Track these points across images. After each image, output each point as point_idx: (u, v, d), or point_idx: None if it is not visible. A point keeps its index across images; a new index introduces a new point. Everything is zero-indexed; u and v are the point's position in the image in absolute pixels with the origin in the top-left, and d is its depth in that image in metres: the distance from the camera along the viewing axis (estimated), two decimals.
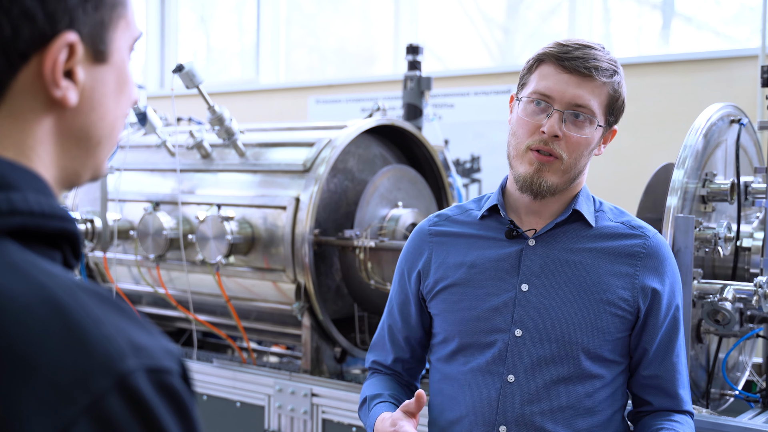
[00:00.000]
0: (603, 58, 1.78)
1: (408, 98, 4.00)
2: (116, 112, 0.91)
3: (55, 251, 0.84)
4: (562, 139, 1.76)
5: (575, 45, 1.78)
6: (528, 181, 1.79)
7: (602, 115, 1.80)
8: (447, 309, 1.87)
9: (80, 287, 0.78)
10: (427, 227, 1.97)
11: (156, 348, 0.77)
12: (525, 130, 1.78)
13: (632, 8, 5.81)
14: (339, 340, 3.34)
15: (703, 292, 2.50)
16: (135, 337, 0.76)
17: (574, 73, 1.76)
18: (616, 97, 1.81)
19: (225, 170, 3.56)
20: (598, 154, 1.87)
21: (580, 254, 1.82)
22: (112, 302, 0.79)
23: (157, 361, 0.76)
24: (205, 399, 3.42)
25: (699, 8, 5.50)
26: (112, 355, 0.73)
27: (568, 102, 1.76)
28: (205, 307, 3.61)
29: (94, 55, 0.87)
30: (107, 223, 3.56)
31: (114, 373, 0.72)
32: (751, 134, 2.89)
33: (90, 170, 0.92)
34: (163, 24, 7.39)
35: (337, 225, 3.42)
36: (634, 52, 5.59)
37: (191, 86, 3.29)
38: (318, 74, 7.04)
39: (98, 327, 0.74)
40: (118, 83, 0.91)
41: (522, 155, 1.79)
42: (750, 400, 2.66)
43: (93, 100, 0.88)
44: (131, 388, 0.73)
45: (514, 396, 1.78)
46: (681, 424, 1.83)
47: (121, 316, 0.78)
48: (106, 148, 0.92)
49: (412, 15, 6.26)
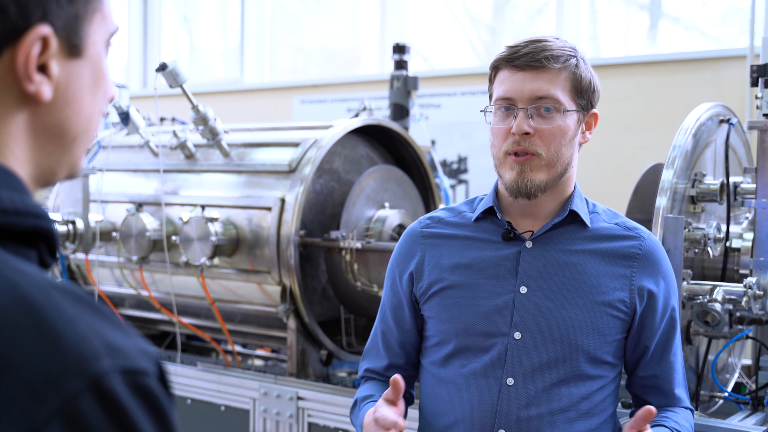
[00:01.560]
0: (554, 47, 1.78)
1: (394, 98, 3.96)
2: (92, 108, 0.90)
3: (31, 250, 0.82)
4: (535, 135, 1.76)
5: (524, 43, 1.79)
6: (515, 186, 1.78)
7: (570, 101, 1.79)
8: (443, 311, 1.84)
9: (54, 287, 0.76)
10: (419, 229, 1.94)
11: (132, 349, 0.76)
12: (499, 138, 1.79)
13: (619, 9, 5.80)
14: (325, 342, 3.30)
15: (692, 293, 2.48)
16: (110, 337, 0.75)
17: (527, 69, 1.77)
18: (578, 79, 1.79)
19: (209, 171, 3.52)
20: (584, 141, 1.85)
21: (577, 256, 1.81)
22: (87, 302, 0.77)
23: (133, 362, 0.74)
24: (189, 403, 3.38)
25: (686, 9, 5.49)
26: (85, 355, 0.72)
27: (528, 98, 1.76)
28: (189, 309, 3.56)
29: (69, 49, 0.85)
30: (89, 225, 3.51)
31: (87, 374, 0.71)
32: (740, 134, 2.88)
33: (66, 167, 0.90)
34: (145, 23, 7.33)
35: (323, 226, 3.39)
36: (622, 52, 5.58)
37: (175, 85, 3.25)
38: (303, 74, 7.00)
39: (72, 327, 0.73)
40: (94, 78, 0.89)
41: (503, 162, 1.79)
42: (739, 402, 2.65)
43: (68, 95, 0.86)
44: (105, 389, 0.71)
45: (514, 400, 1.76)
46: (677, 414, 1.84)
47: (96, 316, 0.76)
48: (83, 145, 0.91)
49: (398, 14, 6.23)
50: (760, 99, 2.57)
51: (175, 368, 3.43)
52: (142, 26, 7.32)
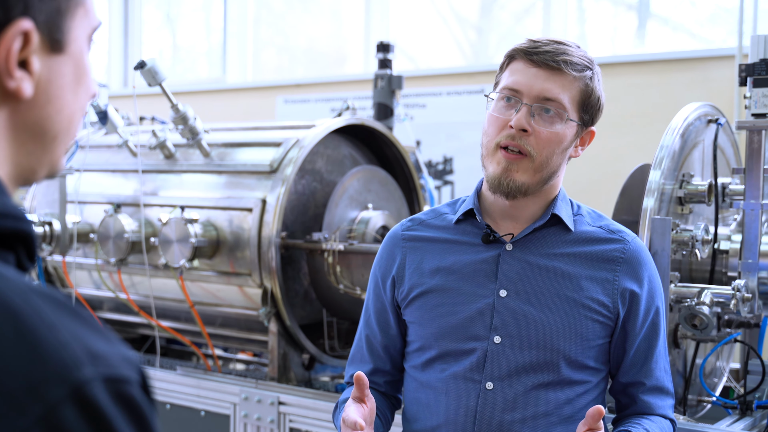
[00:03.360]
0: (574, 54, 1.76)
1: (378, 97, 3.91)
2: (74, 105, 0.88)
3: (8, 253, 0.80)
4: (532, 135, 1.72)
5: (547, 41, 1.76)
6: (497, 181, 1.75)
7: (574, 111, 1.76)
8: (423, 316, 1.82)
9: (35, 291, 0.75)
10: (401, 232, 1.91)
11: (114, 356, 0.74)
12: (495, 127, 1.75)
13: (608, 9, 5.77)
14: (307, 346, 3.24)
15: (680, 296, 2.45)
16: (92, 344, 0.73)
17: (542, 67, 1.74)
18: (588, 93, 1.77)
19: (189, 171, 3.45)
20: (575, 155, 1.83)
21: (558, 259, 1.79)
22: (68, 307, 0.76)
23: (116, 370, 0.73)
24: (168, 408, 3.32)
25: (675, 9, 5.46)
26: (67, 363, 0.70)
27: (536, 95, 1.73)
28: (169, 312, 3.50)
29: (51, 44, 0.83)
30: (66, 226, 3.44)
31: (69, 382, 0.70)
32: (728, 135, 2.84)
33: (46, 166, 0.88)
34: (126, 21, 7.25)
35: (305, 228, 3.33)
36: (610, 52, 5.54)
37: (154, 84, 3.19)
38: (287, 74, 6.94)
39: (53, 333, 0.71)
40: (76, 74, 0.87)
41: (492, 154, 1.76)
42: (728, 406, 2.61)
43: (49, 91, 0.84)
44: (87, 398, 0.70)
45: (493, 404, 1.74)
46: (653, 422, 1.80)
47: (78, 322, 0.75)
48: (64, 143, 0.88)
49: (383, 14, 6.18)
50: (749, 98, 2.54)
51: (154, 372, 3.36)
52: (123, 24, 7.24)
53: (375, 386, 1.93)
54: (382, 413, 1.87)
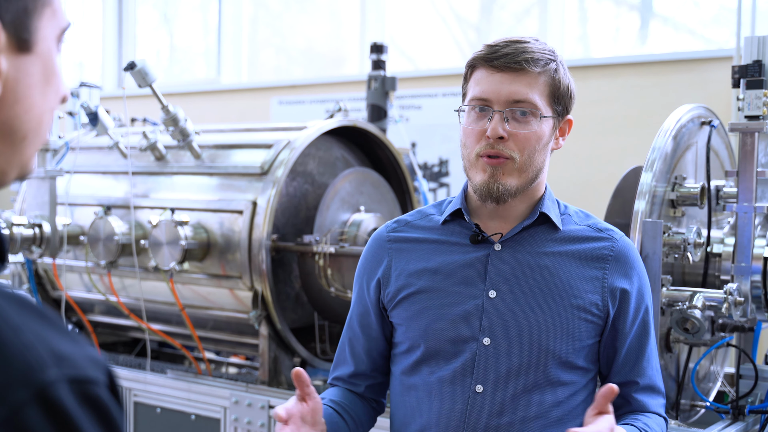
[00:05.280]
0: (534, 49, 1.73)
1: (372, 99, 3.88)
2: (43, 106, 0.87)
3: None
4: (509, 139, 1.71)
5: (503, 43, 1.74)
6: (486, 189, 1.73)
7: (547, 106, 1.75)
8: (411, 318, 1.79)
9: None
10: (386, 233, 1.89)
11: (80, 357, 0.74)
12: (472, 139, 1.74)
13: (610, 9, 5.73)
14: (298, 350, 3.22)
15: (672, 299, 2.42)
16: (57, 345, 0.73)
17: (505, 71, 1.71)
18: (556, 84, 1.75)
19: (180, 173, 3.43)
20: (557, 147, 1.81)
21: (547, 258, 1.77)
22: (34, 309, 0.76)
23: (81, 371, 0.73)
24: (158, 412, 3.29)
25: (678, 9, 5.43)
26: (31, 364, 0.70)
27: (505, 100, 1.71)
28: (160, 315, 3.47)
29: (18, 44, 0.82)
30: (56, 228, 3.42)
31: (33, 384, 0.69)
32: (722, 137, 2.81)
33: (16, 168, 0.87)
34: (120, 22, 7.22)
35: (297, 230, 3.30)
36: (611, 53, 5.50)
37: (144, 85, 3.17)
38: (284, 74, 6.91)
39: (17, 335, 0.71)
40: (44, 74, 0.86)
41: (474, 164, 1.75)
42: (720, 411, 2.58)
43: (17, 91, 0.83)
44: (51, 399, 0.69)
45: (483, 407, 1.72)
46: (650, 417, 1.79)
47: (43, 323, 0.74)
48: (33, 144, 0.87)
49: (378, 14, 6.15)
50: (742, 100, 2.51)
51: (144, 376, 3.34)
52: (117, 26, 7.22)
53: (354, 389, 1.91)
54: (353, 416, 1.85)
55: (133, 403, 3.34)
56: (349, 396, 1.89)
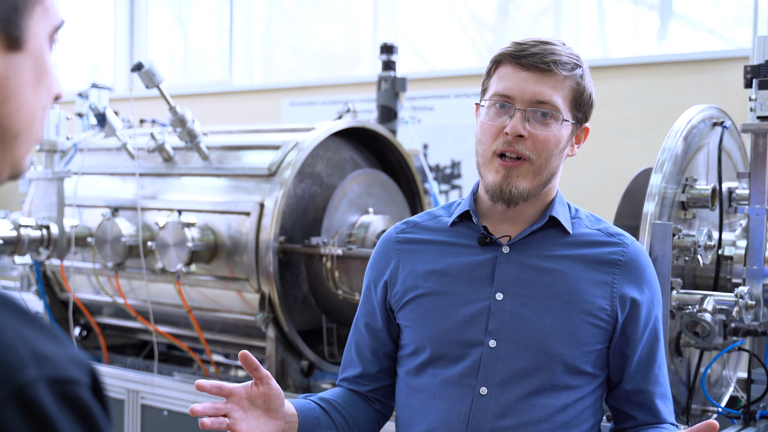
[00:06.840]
0: (562, 53, 1.72)
1: (382, 100, 3.86)
2: (35, 104, 0.86)
3: None
4: (528, 139, 1.69)
5: (532, 42, 1.72)
6: (498, 190, 1.71)
7: (568, 111, 1.73)
8: (417, 319, 1.78)
9: None
10: (394, 234, 1.88)
11: (62, 357, 0.74)
12: (489, 135, 1.72)
13: (629, 9, 5.68)
14: (306, 353, 3.19)
15: (682, 302, 2.38)
16: (39, 345, 0.73)
17: (532, 70, 1.70)
18: (580, 91, 1.74)
19: (187, 174, 3.42)
20: (572, 154, 1.79)
21: (556, 262, 1.75)
22: (15, 308, 0.75)
23: (62, 372, 0.72)
24: (165, 414, 3.27)
25: (698, 9, 5.37)
26: (10, 364, 0.70)
27: (529, 100, 1.69)
28: (168, 318, 3.46)
29: (8, 41, 0.82)
30: (64, 230, 3.41)
31: (11, 384, 0.69)
32: (735, 138, 2.76)
33: (8, 167, 0.87)
34: (132, 24, 7.23)
35: (305, 232, 3.28)
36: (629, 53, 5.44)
37: (151, 86, 3.16)
38: (299, 76, 6.90)
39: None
40: (36, 73, 0.86)
41: (489, 162, 1.72)
42: (731, 416, 2.54)
43: (8, 89, 0.83)
44: (30, 399, 0.69)
45: (487, 410, 1.70)
46: (663, 430, 1.77)
47: (25, 323, 0.74)
48: (26, 143, 0.87)
49: (392, 14, 6.12)
50: (754, 101, 2.46)
51: (152, 379, 3.32)
52: (128, 27, 7.23)
53: (358, 389, 1.89)
54: (345, 415, 1.83)
55: (140, 406, 3.33)
56: (347, 395, 1.87)
